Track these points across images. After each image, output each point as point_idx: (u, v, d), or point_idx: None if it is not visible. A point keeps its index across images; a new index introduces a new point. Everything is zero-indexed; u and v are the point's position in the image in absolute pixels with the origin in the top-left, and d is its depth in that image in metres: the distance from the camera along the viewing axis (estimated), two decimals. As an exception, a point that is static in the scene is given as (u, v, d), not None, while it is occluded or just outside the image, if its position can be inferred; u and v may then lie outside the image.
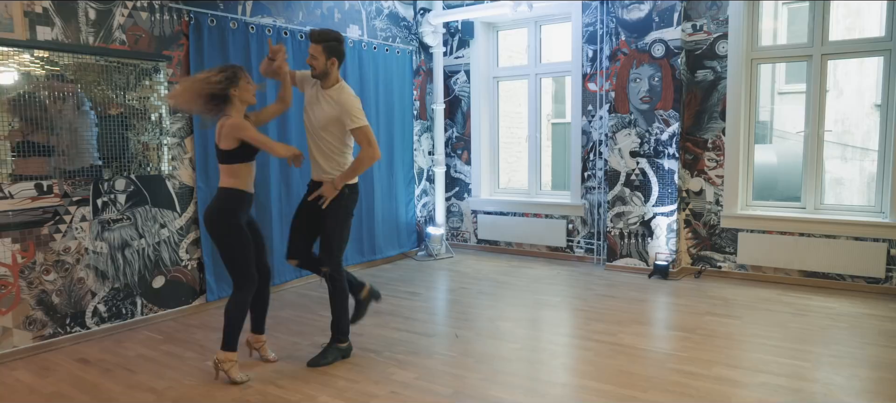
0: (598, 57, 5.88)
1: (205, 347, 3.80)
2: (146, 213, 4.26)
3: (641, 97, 5.49)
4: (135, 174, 4.19)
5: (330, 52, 3.34)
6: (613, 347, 3.69)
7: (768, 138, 7.90)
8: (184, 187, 4.47)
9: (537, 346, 3.82)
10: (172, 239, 4.42)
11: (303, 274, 5.35)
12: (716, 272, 5.46)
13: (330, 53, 3.35)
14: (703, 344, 3.71)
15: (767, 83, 8.36)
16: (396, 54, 6.17)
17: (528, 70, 6.57)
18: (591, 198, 6.07)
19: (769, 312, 4.37)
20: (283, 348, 3.77)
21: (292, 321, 4.33)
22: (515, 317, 4.39)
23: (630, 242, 5.66)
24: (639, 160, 5.55)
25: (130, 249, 4.19)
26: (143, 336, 4.04)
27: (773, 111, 8.30)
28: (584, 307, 4.58)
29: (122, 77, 4.07)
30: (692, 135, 5.49)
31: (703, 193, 5.49)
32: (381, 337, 3.93)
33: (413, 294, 5.07)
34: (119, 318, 4.15)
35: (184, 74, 4.39)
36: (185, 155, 4.47)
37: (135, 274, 4.22)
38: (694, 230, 5.57)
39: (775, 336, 3.84)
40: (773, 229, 5.18)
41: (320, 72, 3.36)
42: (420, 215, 6.73)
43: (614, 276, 5.51)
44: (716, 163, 5.42)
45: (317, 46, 3.32)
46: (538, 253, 6.43)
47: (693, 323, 4.12)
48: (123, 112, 4.10)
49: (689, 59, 5.43)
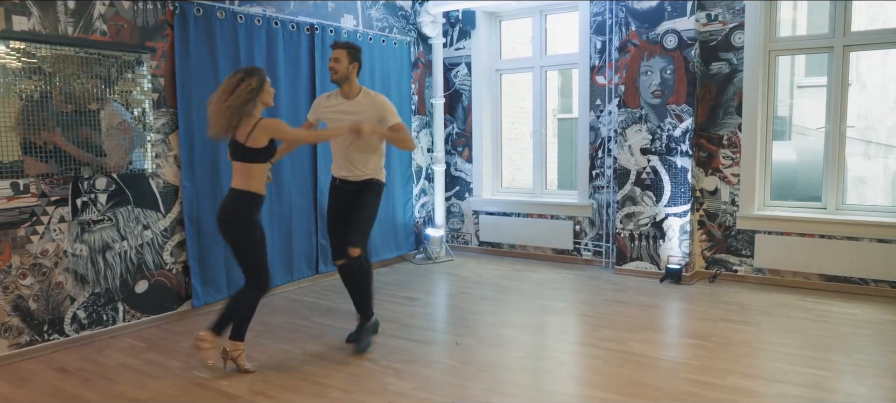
0: (607, 48, 5.87)
1: (190, 356, 3.79)
2: (128, 214, 4.25)
3: (653, 91, 5.48)
4: (116, 172, 4.18)
5: (353, 57, 3.77)
6: (623, 355, 3.68)
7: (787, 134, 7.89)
8: (168, 186, 4.46)
9: (542, 354, 3.81)
10: (156, 241, 4.41)
11: (295, 277, 5.35)
12: (731, 276, 5.45)
13: (353, 58, 3.77)
14: (718, 353, 3.70)
15: (786, 76, 8.36)
16: (393, 46, 6.16)
17: (532, 62, 6.56)
18: (599, 198, 6.06)
19: (788, 318, 4.35)
20: (273, 356, 3.76)
21: (283, 327, 4.32)
22: (519, 324, 4.38)
23: (641, 244, 5.65)
24: (650, 157, 5.54)
25: (112, 252, 4.18)
26: (125, 344, 4.03)
27: (792, 106, 8.29)
28: (591, 313, 4.57)
29: (103, 70, 4.06)
30: (706, 131, 5.48)
31: (718, 193, 5.48)
32: (377, 345, 3.92)
33: (411, 299, 5.06)
34: (100, 325, 4.14)
35: (169, 67, 4.38)
36: (170, 152, 4.46)
37: (116, 279, 4.21)
38: (708, 231, 5.55)
39: (794, 344, 3.83)
40: (792, 231, 5.17)
41: (342, 76, 3.74)
42: (418, 216, 6.72)
43: (624, 280, 5.50)
44: (731, 161, 5.41)
45: (341, 50, 3.74)
46: (543, 256, 6.43)
47: (707, 330, 4.11)
48: (104, 107, 4.09)
49: (703, 50, 5.41)
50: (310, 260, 5.49)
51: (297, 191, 5.31)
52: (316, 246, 5.51)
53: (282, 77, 5.08)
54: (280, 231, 5.18)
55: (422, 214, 6.78)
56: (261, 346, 3.92)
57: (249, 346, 3.84)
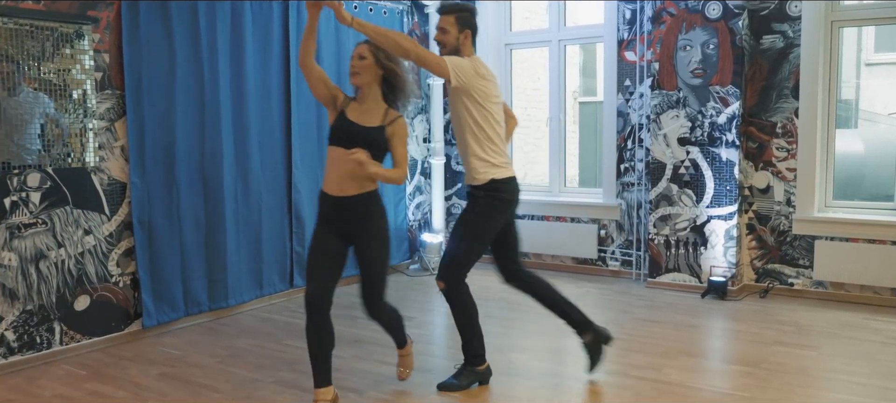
0: (638, 18, 5.87)
1: (140, 385, 3.79)
2: (66, 216, 4.26)
3: (693, 69, 5.48)
4: (52, 167, 4.18)
5: (463, 24, 3.53)
6: (657, 385, 3.68)
7: (853, 121, 7.88)
8: (114, 183, 4.47)
9: (560, 384, 3.81)
10: (100, 248, 4.41)
11: (265, 292, 5.34)
12: (786, 290, 5.45)
13: (463, 25, 3.54)
14: (771, 382, 3.70)
15: (852, 52, 8.35)
16: (383, 15, 6.16)
17: (549, 35, 6.57)
18: (628, 198, 6.06)
19: (853, 341, 4.36)
20: (240, 386, 3.76)
21: (251, 352, 4.32)
22: (532, 348, 4.38)
23: (678, 253, 5.66)
24: (689, 149, 5.55)
25: (46, 262, 4.18)
26: (63, 372, 4.03)
27: (858, 87, 8.28)
28: (620, 334, 4.57)
29: (35, 44, 4.06)
30: (757, 117, 5.48)
31: (771, 191, 5.49)
32: (364, 373, 3.92)
33: (404, 317, 5.05)
34: (32, 349, 4.14)
35: (115, 40, 4.37)
36: (116, 142, 4.46)
37: (52, 294, 4.22)
38: (759, 237, 5.56)
39: (861, 372, 3.83)
40: (860, 236, 5.17)
41: (451, 49, 3.53)
42: (413, 218, 6.72)
43: (658, 296, 5.50)
44: (787, 153, 5.41)
45: (448, 18, 3.52)
46: (562, 267, 6.43)
47: (758, 355, 4.11)
48: (37, 88, 4.09)
49: (752, 20, 5.42)
50: (283, 271, 5.49)
51: (268, 188, 5.31)
52: (290, 254, 5.51)
53: (249, 55, 5.07)
54: (247, 237, 5.17)
55: (417, 217, 6.78)
56: (225, 374, 3.91)
57: (211, 374, 3.84)
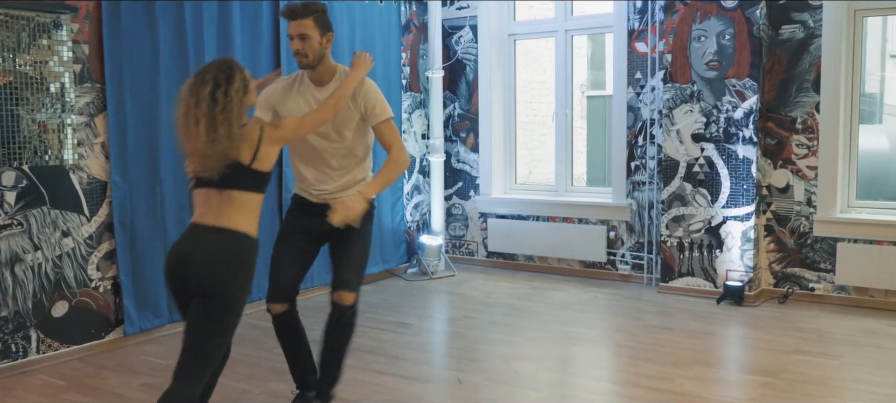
0: (650, 7, 5.88)
1: (121, 396, 3.80)
2: (43, 217, 4.27)
3: (707, 62, 5.49)
4: (28, 164, 4.19)
5: (325, 26, 3.22)
6: (670, 396, 3.69)
7: (878, 116, 7.89)
8: (94, 182, 4.48)
9: (568, 395, 3.82)
10: (79, 251, 4.42)
11: (254, 297, 5.33)
12: (807, 295, 5.47)
13: (325, 27, 3.22)
14: (790, 393, 3.71)
15: (877, 43, 8.36)
16: (379, 5, 6.17)
17: (555, 25, 6.58)
18: (639, 197, 6.07)
19: (878, 349, 4.37)
20: (228, 396, 3.77)
21: (240, 361, 4.33)
22: (538, 356, 4.39)
23: (692, 256, 5.67)
24: (704, 146, 5.56)
25: (22, 265, 4.19)
26: (40, 383, 4.04)
27: (883, 80, 8.29)
28: (630, 342, 4.59)
29: (10, 35, 4.07)
30: (775, 112, 5.50)
31: (790, 190, 5.50)
32: (360, 383, 3.93)
33: (402, 325, 5.07)
34: (7, 358, 4.15)
35: (95, 30, 4.38)
36: (96, 139, 4.47)
37: (28, 299, 4.22)
38: (777, 239, 5.57)
39: (887, 382, 3.84)
40: (885, 238, 5.19)
41: (315, 57, 3.21)
42: (411, 219, 6.73)
43: (671, 301, 5.52)
44: (807, 150, 5.42)
45: (306, 21, 3.15)
46: (569, 271, 6.44)
47: (776, 365, 4.12)
48: (13, 81, 4.11)
49: (771, 9, 5.43)
50: (273, 275, 5.49)
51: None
52: (281, 257, 5.51)
53: (237, 49, 5.08)
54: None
55: (415, 217, 6.78)
56: (211, 385, 3.92)
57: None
